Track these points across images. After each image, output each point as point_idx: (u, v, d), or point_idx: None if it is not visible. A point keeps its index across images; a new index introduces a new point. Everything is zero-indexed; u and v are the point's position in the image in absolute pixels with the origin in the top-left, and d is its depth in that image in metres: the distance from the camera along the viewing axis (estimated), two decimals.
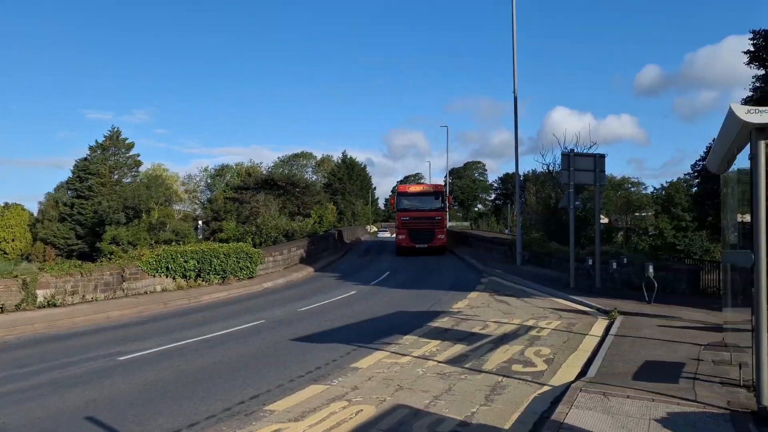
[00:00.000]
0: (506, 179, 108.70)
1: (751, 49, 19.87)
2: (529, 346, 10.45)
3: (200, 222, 56.95)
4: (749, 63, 19.98)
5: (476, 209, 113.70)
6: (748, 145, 6.15)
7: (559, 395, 7.19)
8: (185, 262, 20.39)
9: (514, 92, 26.11)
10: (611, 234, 51.65)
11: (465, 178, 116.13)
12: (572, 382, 7.79)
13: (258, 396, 7.66)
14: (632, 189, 76.07)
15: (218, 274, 21.38)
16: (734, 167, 8.28)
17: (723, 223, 10.11)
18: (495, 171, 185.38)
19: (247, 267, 22.53)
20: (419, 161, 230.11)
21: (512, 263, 27.23)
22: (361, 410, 6.90)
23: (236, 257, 22.11)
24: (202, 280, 20.94)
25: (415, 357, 9.72)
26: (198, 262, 20.80)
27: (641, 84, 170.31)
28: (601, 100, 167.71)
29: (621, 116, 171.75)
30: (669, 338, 10.68)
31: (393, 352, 10.10)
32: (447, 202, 37.04)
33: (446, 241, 36.34)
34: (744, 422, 5.95)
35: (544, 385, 8.00)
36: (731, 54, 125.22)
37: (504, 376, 8.46)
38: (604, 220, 61.84)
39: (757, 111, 5.58)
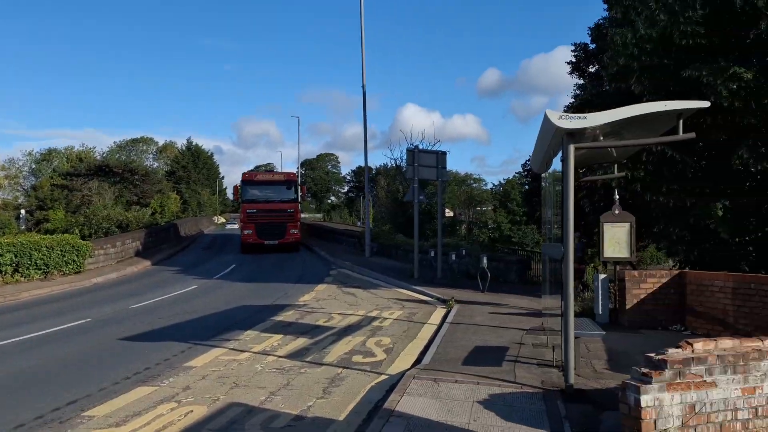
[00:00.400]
0: (359, 172, 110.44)
1: (573, 60, 22.02)
2: (371, 337, 10.68)
3: (23, 211, 51.10)
4: (571, 72, 22.14)
5: (329, 201, 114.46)
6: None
7: (394, 383, 7.39)
8: (0, 255, 18.21)
9: (362, 86, 26.54)
10: (455, 227, 54.66)
11: (318, 170, 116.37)
12: (408, 369, 8.08)
13: (76, 401, 7.01)
14: (474, 185, 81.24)
15: (40, 269, 19.35)
16: (552, 168, 9.10)
17: (543, 218, 11.07)
18: (348, 163, 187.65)
19: (74, 261, 20.63)
20: (271, 151, 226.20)
21: (362, 255, 27.75)
22: (191, 411, 6.59)
23: (61, 250, 20.14)
24: (21, 276, 18.82)
25: (255, 353, 9.50)
26: (15, 256, 18.66)
27: (483, 86, 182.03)
28: (448, 99, 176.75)
29: (466, 116, 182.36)
30: (497, 324, 11.50)
31: (232, 349, 9.79)
32: (301, 192, 33.42)
33: (300, 237, 33.33)
34: (553, 399, 6.55)
35: (382, 374, 8.21)
36: (560, 63, 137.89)
37: (344, 367, 8.55)
38: (449, 213, 65.26)
39: (567, 117, 6.13)
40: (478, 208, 73.96)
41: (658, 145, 13.36)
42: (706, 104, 6.13)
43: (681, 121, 6.27)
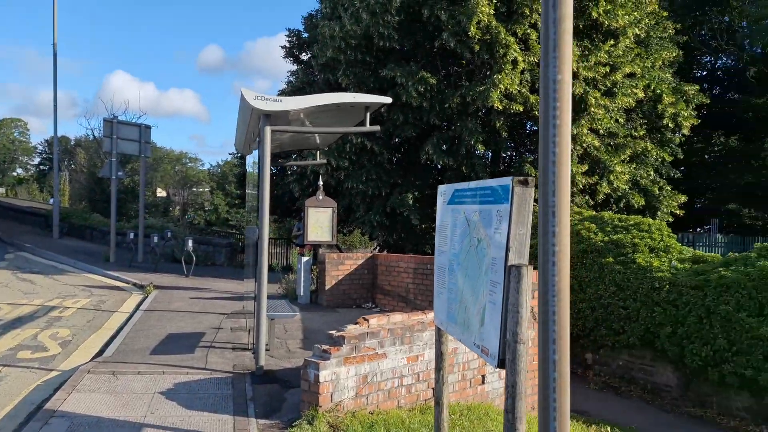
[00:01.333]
0: (54, 142, 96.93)
1: (287, 45, 22.31)
2: (45, 329, 9.31)
3: None
4: (285, 57, 22.40)
5: (15, 174, 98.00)
6: None
7: (65, 380, 6.50)
8: None
9: (54, 44, 23.08)
10: (168, 207, 51.88)
11: (0, 137, 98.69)
12: (84, 364, 7.20)
13: None
14: (190, 164, 77.90)
15: None
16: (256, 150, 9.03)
17: (248, 201, 11.01)
18: (42, 132, 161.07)
19: None
20: None
21: (49, 236, 24.29)
22: None
23: None
24: None
25: None
26: None
27: (204, 62, 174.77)
28: (165, 71, 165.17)
29: (184, 90, 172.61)
30: (198, 309, 11.07)
31: None
32: None
33: None
34: (242, 382, 6.46)
35: (53, 370, 7.17)
36: (282, 49, 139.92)
37: (5, 365, 7.26)
38: (162, 193, 61.67)
39: (264, 98, 6.05)
40: (195, 189, 71.26)
41: (354, 135, 14.38)
42: (388, 100, 6.65)
43: (368, 114, 6.71)
